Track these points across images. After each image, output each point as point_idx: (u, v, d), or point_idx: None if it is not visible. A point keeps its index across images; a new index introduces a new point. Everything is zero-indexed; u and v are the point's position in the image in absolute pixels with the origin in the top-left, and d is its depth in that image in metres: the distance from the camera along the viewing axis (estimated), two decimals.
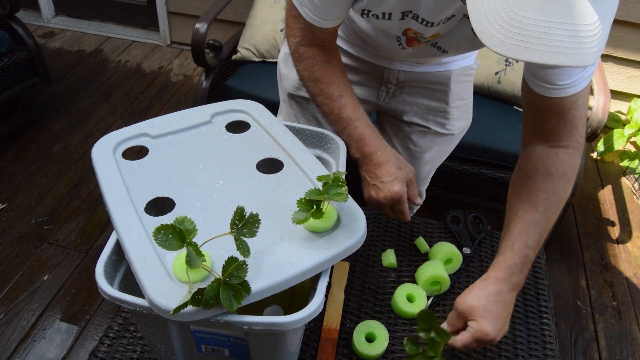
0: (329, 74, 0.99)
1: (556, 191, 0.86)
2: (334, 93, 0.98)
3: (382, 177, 0.94)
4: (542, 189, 0.85)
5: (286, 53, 1.25)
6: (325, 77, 0.99)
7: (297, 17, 0.96)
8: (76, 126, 2.58)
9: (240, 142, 0.93)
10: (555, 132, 0.86)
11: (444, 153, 1.35)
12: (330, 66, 0.99)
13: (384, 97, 1.22)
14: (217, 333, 0.74)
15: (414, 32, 0.95)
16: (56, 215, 2.10)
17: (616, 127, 2.60)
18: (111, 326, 0.92)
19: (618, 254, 2.13)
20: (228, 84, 2.13)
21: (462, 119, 1.27)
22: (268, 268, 0.69)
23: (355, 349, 0.89)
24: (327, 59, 0.99)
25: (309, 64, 0.99)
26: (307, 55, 0.99)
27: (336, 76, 0.99)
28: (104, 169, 0.83)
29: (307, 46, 0.98)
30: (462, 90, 1.23)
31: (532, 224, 0.84)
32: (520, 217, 0.85)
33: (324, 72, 0.98)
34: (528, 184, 0.87)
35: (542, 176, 0.86)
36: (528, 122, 0.91)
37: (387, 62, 1.15)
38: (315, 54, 0.99)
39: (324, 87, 0.99)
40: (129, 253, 0.70)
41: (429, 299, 0.99)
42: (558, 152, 0.86)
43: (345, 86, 0.99)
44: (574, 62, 0.59)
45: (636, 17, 2.43)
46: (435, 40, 0.99)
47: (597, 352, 1.77)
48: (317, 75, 0.99)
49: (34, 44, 2.38)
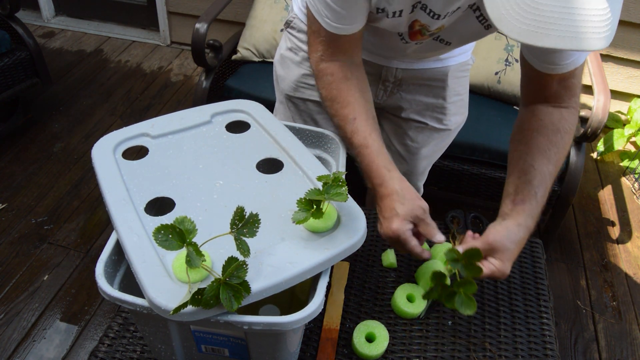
0: (345, 94, 0.95)
1: (564, 145, 0.92)
2: (348, 116, 0.94)
3: (383, 212, 0.89)
4: (553, 143, 0.91)
5: (282, 54, 1.25)
6: (341, 97, 0.95)
7: (317, 32, 0.94)
8: (76, 126, 2.58)
9: (240, 142, 0.93)
10: (557, 95, 0.93)
11: (440, 148, 1.35)
12: (347, 85, 0.96)
13: (381, 95, 1.22)
14: (217, 333, 0.74)
15: (420, 25, 0.95)
16: (56, 215, 2.10)
17: (616, 127, 2.60)
18: (111, 326, 0.92)
19: (618, 254, 2.13)
20: (228, 84, 2.13)
21: (458, 114, 1.28)
22: (268, 268, 0.69)
23: (355, 349, 0.89)
24: (346, 77, 0.96)
25: (327, 81, 0.97)
26: (326, 72, 0.96)
27: (352, 97, 0.95)
28: (104, 169, 0.83)
29: (328, 61, 0.96)
30: (459, 85, 1.24)
31: (548, 175, 0.90)
32: (537, 169, 0.90)
33: (340, 91, 0.95)
34: (540, 138, 0.92)
35: (552, 132, 0.92)
36: (529, 87, 0.96)
37: (385, 60, 1.15)
38: (334, 70, 0.96)
39: (339, 107, 0.96)
40: (129, 253, 0.71)
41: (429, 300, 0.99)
42: (562, 112, 0.93)
43: (361, 107, 0.95)
44: (589, 46, 0.63)
45: (636, 17, 2.43)
46: (438, 34, 0.99)
47: (597, 352, 1.77)
48: (334, 95, 0.96)
49: (34, 44, 2.38)
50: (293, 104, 1.26)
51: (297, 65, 1.21)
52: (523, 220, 0.87)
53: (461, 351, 0.91)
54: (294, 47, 1.21)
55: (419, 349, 0.91)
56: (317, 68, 0.98)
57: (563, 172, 1.88)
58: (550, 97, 0.93)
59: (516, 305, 1.00)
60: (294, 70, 1.22)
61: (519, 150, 0.93)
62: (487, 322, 0.96)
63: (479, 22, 0.93)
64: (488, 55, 2.07)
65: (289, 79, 1.23)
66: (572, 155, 1.86)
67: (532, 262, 1.09)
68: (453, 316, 0.97)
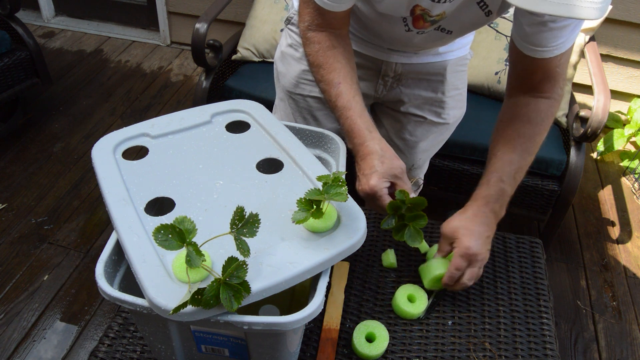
0: (332, 60, 0.99)
1: (533, 135, 0.94)
2: (333, 80, 0.98)
3: (363, 170, 0.92)
4: (520, 133, 0.94)
5: (282, 51, 1.26)
6: (327, 64, 0.99)
7: (306, 2, 0.97)
8: (76, 126, 2.58)
9: (240, 142, 0.93)
10: (540, 85, 0.95)
11: (439, 142, 1.36)
12: (334, 52, 0.99)
13: (381, 89, 1.23)
14: (217, 333, 0.74)
15: (421, 9, 0.96)
16: (56, 215, 2.10)
17: (616, 127, 2.60)
18: (111, 326, 0.92)
19: (618, 254, 2.13)
20: (228, 84, 2.13)
21: (457, 108, 1.29)
22: (268, 268, 0.69)
23: (355, 349, 0.89)
24: (333, 45, 0.99)
25: (315, 49, 1.00)
26: (313, 40, 1.00)
27: (339, 62, 0.99)
28: (104, 169, 0.83)
29: (315, 31, 0.99)
30: (457, 80, 1.25)
31: (508, 162, 0.93)
32: (498, 156, 0.94)
33: (327, 58, 0.99)
34: (508, 130, 0.95)
35: (522, 122, 0.95)
36: (514, 76, 0.98)
37: (385, 55, 1.16)
38: (322, 39, 0.99)
39: (325, 73, 0.99)
40: (129, 253, 0.71)
41: (430, 299, 0.99)
42: (538, 102, 0.95)
43: (346, 73, 0.98)
44: (583, 14, 0.66)
45: (636, 17, 2.43)
46: (439, 23, 0.99)
47: (597, 352, 1.77)
48: (320, 61, 0.99)
49: (34, 44, 2.38)
50: (293, 100, 1.26)
51: (297, 62, 1.22)
52: (470, 203, 0.93)
53: (461, 351, 0.91)
54: (294, 44, 1.21)
55: (419, 349, 0.91)
56: (304, 35, 1.01)
57: (563, 172, 1.88)
58: (534, 87, 0.96)
59: (516, 305, 1.00)
60: (295, 66, 1.22)
61: (492, 143, 0.98)
62: (487, 322, 0.96)
63: (479, 8, 0.94)
64: (488, 55, 2.07)
65: (290, 75, 1.24)
66: (572, 155, 1.86)
67: (532, 262, 1.09)
68: (453, 316, 0.97)
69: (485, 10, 0.94)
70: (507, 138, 0.94)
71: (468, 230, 0.89)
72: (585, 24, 1.98)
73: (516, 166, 0.93)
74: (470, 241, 0.88)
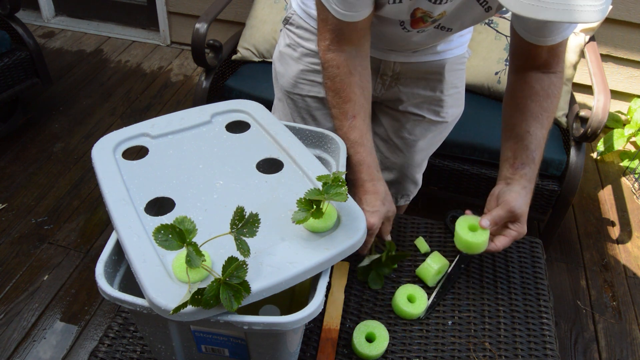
0: (349, 90, 0.99)
1: (554, 109, 1.01)
2: (348, 112, 0.99)
3: (365, 206, 0.94)
4: (544, 108, 0.99)
5: (281, 51, 1.25)
6: (344, 92, 0.99)
7: (325, 20, 0.96)
8: (76, 126, 2.58)
9: (240, 142, 0.93)
10: (546, 63, 1.00)
11: (437, 140, 1.37)
12: (351, 80, 0.99)
13: (379, 89, 1.23)
14: (217, 333, 0.74)
15: (422, 12, 0.96)
16: (56, 215, 2.10)
17: (616, 127, 2.60)
18: (111, 326, 0.92)
19: (618, 254, 2.13)
20: (228, 84, 2.13)
21: (455, 107, 1.29)
22: (268, 268, 0.69)
23: (355, 349, 0.89)
24: (350, 72, 0.99)
25: (333, 73, 0.99)
26: (332, 64, 0.99)
27: (354, 94, 0.99)
28: (104, 169, 0.83)
29: (335, 52, 0.98)
30: (456, 78, 1.25)
31: (542, 139, 0.99)
32: (532, 134, 0.98)
33: (344, 85, 0.99)
34: (533, 105, 0.99)
35: (543, 98, 0.99)
36: (518, 55, 1.01)
37: (384, 54, 1.16)
38: (341, 63, 0.98)
39: (340, 102, 0.99)
40: (129, 253, 0.71)
41: (430, 298, 0.99)
42: (551, 77, 1.00)
43: (361, 106, 0.99)
44: (585, 18, 0.68)
45: (636, 17, 2.43)
46: (439, 22, 1.00)
47: (597, 352, 1.77)
48: (338, 88, 0.99)
49: (34, 44, 2.38)
50: (292, 100, 1.26)
51: (295, 62, 1.21)
52: (527, 183, 0.97)
53: (461, 351, 0.91)
54: (292, 44, 1.21)
55: (419, 349, 0.91)
56: (324, 57, 1.00)
57: (563, 172, 1.88)
58: (541, 65, 0.99)
59: (516, 305, 1.00)
60: (293, 66, 1.22)
61: (514, 117, 1.01)
62: (487, 322, 0.96)
63: (479, 4, 0.95)
64: (488, 55, 2.07)
65: (288, 75, 1.24)
66: (572, 155, 1.86)
67: (532, 262, 1.09)
68: (453, 316, 0.97)
69: (485, 6, 0.95)
70: (535, 115, 0.99)
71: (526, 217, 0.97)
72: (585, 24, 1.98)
73: (545, 141, 1.00)
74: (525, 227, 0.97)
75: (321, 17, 0.97)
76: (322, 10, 0.95)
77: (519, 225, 0.96)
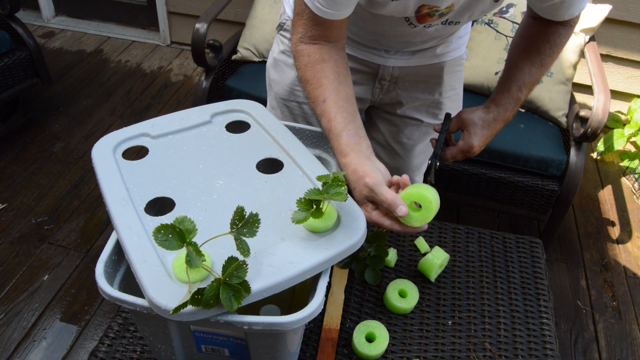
0: (319, 75, 0.94)
1: (551, 53, 1.04)
2: (318, 97, 0.93)
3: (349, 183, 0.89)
4: (540, 51, 1.03)
5: (275, 58, 1.23)
6: (314, 79, 0.94)
7: (301, 14, 0.94)
8: (76, 126, 2.58)
9: (240, 142, 0.93)
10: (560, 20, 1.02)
11: None
12: (322, 66, 0.94)
13: (378, 93, 1.22)
14: (217, 333, 0.74)
15: (428, 7, 0.94)
16: (56, 215, 2.10)
17: (616, 127, 2.60)
18: (111, 326, 0.92)
19: (618, 254, 2.13)
20: (228, 84, 2.13)
21: (453, 109, 1.28)
22: (268, 268, 0.69)
23: (355, 349, 0.89)
24: (322, 59, 0.95)
25: (303, 62, 0.96)
26: (303, 54, 0.96)
27: (326, 78, 0.94)
28: (104, 169, 0.83)
29: (307, 44, 0.95)
30: (454, 80, 1.25)
31: (528, 73, 1.03)
32: (519, 68, 1.03)
33: (314, 73, 0.94)
34: (530, 46, 1.04)
35: (542, 41, 1.03)
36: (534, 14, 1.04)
37: (382, 59, 1.15)
38: (311, 52, 0.95)
39: (311, 89, 0.95)
40: (129, 253, 0.71)
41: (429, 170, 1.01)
42: (558, 27, 1.03)
43: (333, 89, 0.93)
44: None
45: (636, 17, 2.43)
46: (447, 16, 0.98)
47: (597, 352, 1.77)
48: (308, 76, 0.95)
49: (34, 44, 2.38)
50: (287, 108, 1.24)
51: (291, 68, 1.19)
52: (493, 107, 1.03)
53: (461, 351, 0.91)
54: (287, 50, 1.19)
55: (419, 349, 0.91)
56: (295, 49, 0.97)
57: (563, 172, 1.88)
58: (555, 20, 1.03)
59: (516, 305, 1.00)
60: (288, 73, 1.20)
61: (513, 53, 1.06)
62: (487, 322, 0.96)
63: None
64: (488, 55, 2.07)
65: (284, 83, 1.21)
66: (572, 155, 1.86)
67: (532, 262, 1.09)
68: (453, 316, 0.97)
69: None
70: (528, 53, 1.03)
71: (479, 132, 1.03)
72: (585, 24, 1.98)
73: (534, 77, 1.03)
74: (475, 141, 1.02)
75: (297, 11, 0.95)
76: (299, 4, 0.93)
77: (465, 135, 1.02)
